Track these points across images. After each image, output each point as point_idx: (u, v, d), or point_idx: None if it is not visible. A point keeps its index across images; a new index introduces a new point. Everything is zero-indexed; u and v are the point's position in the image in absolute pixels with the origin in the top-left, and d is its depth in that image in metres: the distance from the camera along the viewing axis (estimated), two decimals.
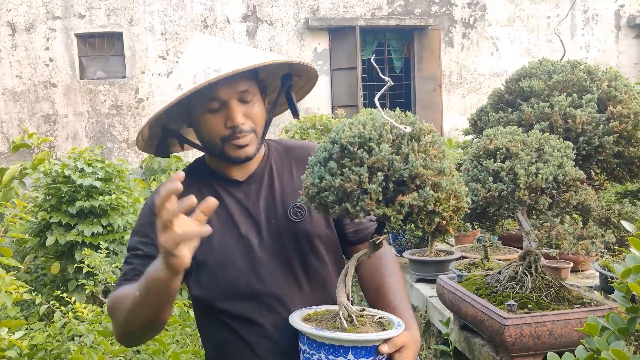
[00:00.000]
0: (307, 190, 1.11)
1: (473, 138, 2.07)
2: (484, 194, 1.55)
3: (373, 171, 1.04)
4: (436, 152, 1.09)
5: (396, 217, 1.04)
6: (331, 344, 1.13)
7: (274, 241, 1.39)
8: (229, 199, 1.40)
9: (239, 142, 1.33)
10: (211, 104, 1.31)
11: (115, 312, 1.31)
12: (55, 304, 3.20)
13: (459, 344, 2.13)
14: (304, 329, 1.16)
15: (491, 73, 10.44)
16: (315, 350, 1.15)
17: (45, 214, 4.10)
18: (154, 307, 1.20)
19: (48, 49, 9.39)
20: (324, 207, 1.10)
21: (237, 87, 1.31)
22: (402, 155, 1.06)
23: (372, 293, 1.45)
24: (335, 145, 1.08)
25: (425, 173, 1.04)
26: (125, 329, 1.29)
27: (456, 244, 3.54)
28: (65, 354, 2.67)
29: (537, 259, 1.78)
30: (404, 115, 1.14)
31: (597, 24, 10.58)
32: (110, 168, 4.31)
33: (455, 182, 1.08)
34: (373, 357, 1.15)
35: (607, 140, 1.60)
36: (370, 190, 1.03)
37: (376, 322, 1.22)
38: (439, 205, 1.05)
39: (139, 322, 1.25)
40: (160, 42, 9.59)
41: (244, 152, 1.35)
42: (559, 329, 1.62)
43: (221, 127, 1.32)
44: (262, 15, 9.78)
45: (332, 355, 1.13)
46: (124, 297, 1.26)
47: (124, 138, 9.67)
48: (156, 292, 1.15)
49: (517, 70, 1.90)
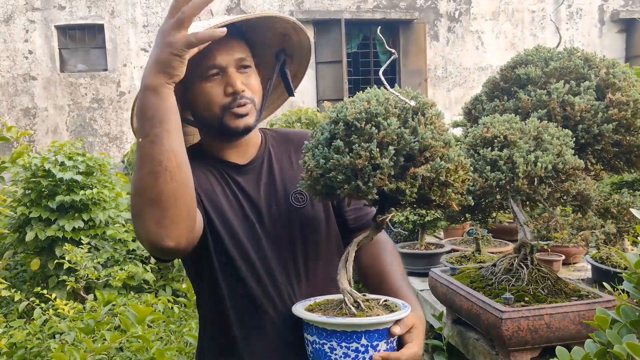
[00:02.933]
0: (310, 173, 1.07)
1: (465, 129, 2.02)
2: (482, 183, 1.50)
3: (383, 146, 1.02)
4: (441, 125, 1.09)
5: (411, 190, 1.03)
6: (343, 330, 1.09)
7: (276, 227, 1.36)
8: (232, 183, 1.38)
9: (239, 110, 1.30)
10: (209, 72, 1.29)
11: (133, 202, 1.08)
12: (35, 301, 3.12)
13: (452, 339, 2.08)
14: (313, 318, 1.12)
15: (476, 67, 10.45)
16: (326, 339, 1.11)
17: (25, 208, 4.01)
18: (162, 131, 1.03)
19: (27, 41, 9.21)
20: (328, 190, 1.07)
21: (235, 53, 1.30)
22: (410, 128, 1.05)
23: (374, 278, 1.43)
24: (340, 123, 1.06)
25: (434, 144, 1.04)
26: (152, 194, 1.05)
27: (445, 237, 3.51)
28: (46, 352, 2.59)
29: (532, 251, 1.74)
30: (404, 91, 1.12)
31: (581, 19, 10.63)
32: (92, 162, 4.22)
33: (461, 154, 1.09)
34: (385, 340, 1.12)
35: (607, 129, 1.56)
36: (383, 165, 1.01)
37: (382, 305, 1.19)
38: (449, 176, 1.05)
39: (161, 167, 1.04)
40: (142, 35, 9.45)
41: (243, 121, 1.32)
42: (557, 322, 1.58)
43: (220, 95, 1.30)
44: (246, 7, 9.68)
45: (344, 342, 1.09)
46: (133, 180, 1.08)
47: (105, 132, 9.52)
48: (154, 111, 1.02)
49: (512, 58, 1.85)
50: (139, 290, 4.07)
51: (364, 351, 1.09)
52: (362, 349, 1.09)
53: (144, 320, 2.24)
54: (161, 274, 4.32)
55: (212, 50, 1.25)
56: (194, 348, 2.65)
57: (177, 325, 3.07)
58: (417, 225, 2.93)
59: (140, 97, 1.05)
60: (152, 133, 1.03)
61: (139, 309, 2.23)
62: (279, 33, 1.40)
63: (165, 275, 4.35)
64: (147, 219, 1.06)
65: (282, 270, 1.35)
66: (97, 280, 3.73)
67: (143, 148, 1.04)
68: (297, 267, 1.37)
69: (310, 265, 1.38)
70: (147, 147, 1.04)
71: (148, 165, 1.04)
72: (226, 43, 1.26)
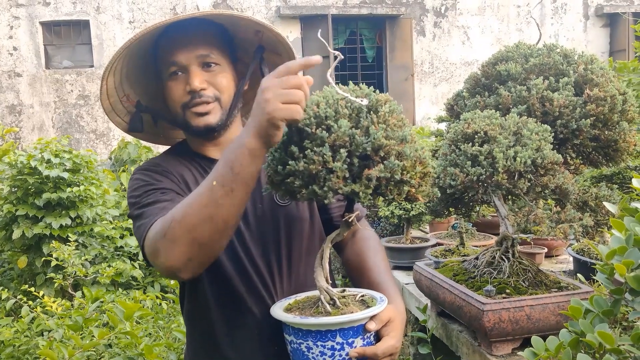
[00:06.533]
0: (271, 179, 1.07)
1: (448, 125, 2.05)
2: (463, 178, 1.53)
3: (335, 149, 1.01)
4: (396, 121, 1.07)
5: (365, 192, 1.02)
6: (317, 330, 1.10)
7: (261, 225, 1.36)
8: None
9: (198, 109, 1.29)
10: (170, 69, 1.28)
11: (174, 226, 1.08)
12: (22, 299, 3.12)
13: (436, 331, 2.12)
14: (288, 319, 1.14)
15: (462, 62, 10.49)
16: (302, 339, 1.12)
17: (11, 206, 3.99)
18: (239, 191, 1.05)
19: (12, 38, 9.12)
20: (290, 194, 1.07)
21: (196, 51, 1.28)
22: (362, 128, 1.03)
23: (355, 273, 1.45)
24: (292, 128, 1.05)
25: (388, 143, 1.02)
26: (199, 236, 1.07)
27: (431, 231, 3.54)
28: (34, 350, 2.60)
29: (514, 243, 1.77)
30: (358, 88, 1.11)
31: (565, 14, 10.71)
32: (78, 159, 4.21)
33: (419, 149, 1.07)
34: (361, 336, 1.13)
35: (584, 124, 1.60)
36: (336, 169, 1.00)
37: (359, 301, 1.20)
38: (406, 173, 1.04)
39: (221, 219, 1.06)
40: (128, 31, 9.39)
41: (203, 120, 1.31)
42: (537, 313, 1.62)
43: (181, 94, 1.29)
44: (233, 3, 9.65)
45: (320, 341, 1.10)
46: (186, 206, 1.08)
47: (92, 129, 9.47)
48: (241, 169, 1.03)
49: (493, 54, 1.88)
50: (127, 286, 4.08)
51: (340, 349, 1.11)
52: (337, 347, 1.11)
53: (132, 317, 2.25)
54: (149, 270, 4.33)
55: (172, 48, 1.24)
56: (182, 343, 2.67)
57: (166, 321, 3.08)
58: (402, 219, 2.96)
59: (234, 148, 1.05)
60: (231, 187, 1.04)
61: (127, 305, 2.24)
62: (252, 30, 1.38)
63: (154, 272, 4.35)
64: (182, 251, 1.08)
65: (266, 268, 1.35)
66: (85, 277, 3.73)
67: (215, 193, 1.05)
68: (280, 265, 1.37)
69: (294, 263, 1.39)
70: (219, 195, 1.05)
71: (211, 210, 1.05)
72: (187, 40, 1.25)
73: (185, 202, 1.10)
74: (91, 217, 4.15)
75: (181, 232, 1.07)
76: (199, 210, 1.06)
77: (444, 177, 1.62)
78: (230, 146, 1.07)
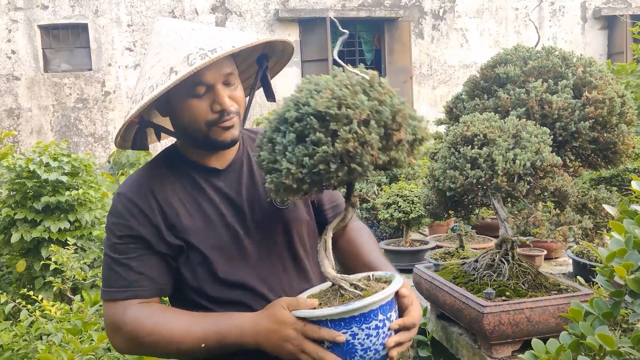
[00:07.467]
0: (293, 176, 1.05)
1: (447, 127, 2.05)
2: (462, 180, 1.53)
3: (364, 124, 1.03)
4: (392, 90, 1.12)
5: (404, 157, 1.07)
6: (361, 313, 1.10)
7: (260, 229, 1.36)
8: (211, 189, 1.36)
9: (225, 124, 1.29)
10: (197, 89, 1.26)
11: (144, 342, 1.25)
12: (21, 303, 3.10)
13: (436, 334, 2.12)
14: (329, 312, 1.11)
15: (461, 64, 10.51)
16: (345, 327, 1.11)
17: (10, 210, 3.98)
18: (217, 352, 1.23)
19: (10, 41, 9.12)
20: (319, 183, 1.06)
21: (223, 69, 1.27)
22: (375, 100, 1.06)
23: (351, 260, 1.48)
24: (306, 119, 1.04)
25: (402, 108, 1.07)
26: (159, 355, 1.29)
27: (430, 233, 3.54)
28: (33, 354, 2.59)
29: (513, 246, 1.77)
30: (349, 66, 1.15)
31: (563, 16, 10.73)
32: (77, 162, 4.20)
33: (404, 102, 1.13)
34: (395, 309, 1.17)
35: (583, 126, 1.60)
36: (372, 141, 1.02)
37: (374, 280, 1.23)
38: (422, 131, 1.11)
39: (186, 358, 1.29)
40: (127, 34, 9.40)
41: (230, 134, 1.31)
42: (537, 315, 1.62)
43: (207, 112, 1.28)
44: (231, 6, 9.66)
45: (364, 323, 1.11)
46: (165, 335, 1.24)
47: (90, 132, 9.46)
48: (229, 348, 1.21)
49: (492, 57, 1.88)
50: None
51: (382, 326, 1.12)
52: (380, 325, 1.12)
53: None
54: None
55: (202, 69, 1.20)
56: None
57: None
58: (401, 222, 2.96)
59: (234, 335, 1.20)
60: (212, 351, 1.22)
61: None
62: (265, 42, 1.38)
63: None
64: (136, 352, 1.31)
65: (271, 272, 1.34)
66: (84, 281, 3.72)
67: (196, 348, 1.21)
68: (285, 266, 1.37)
69: (295, 266, 1.39)
70: (198, 352, 1.22)
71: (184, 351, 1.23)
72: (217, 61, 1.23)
73: (166, 331, 1.24)
74: (90, 220, 4.13)
75: (146, 348, 1.26)
76: (172, 346, 1.23)
77: (443, 179, 1.62)
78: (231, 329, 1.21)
